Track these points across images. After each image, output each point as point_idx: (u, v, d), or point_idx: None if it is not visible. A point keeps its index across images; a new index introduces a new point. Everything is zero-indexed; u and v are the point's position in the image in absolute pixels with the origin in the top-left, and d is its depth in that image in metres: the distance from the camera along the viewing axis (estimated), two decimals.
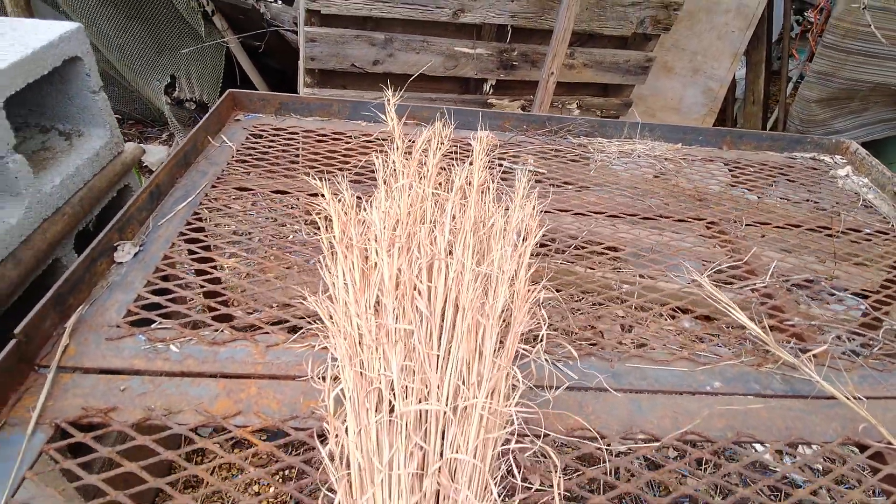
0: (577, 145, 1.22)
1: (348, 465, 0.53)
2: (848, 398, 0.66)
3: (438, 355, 0.62)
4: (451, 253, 0.75)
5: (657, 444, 0.61)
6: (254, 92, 1.20)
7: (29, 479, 0.53)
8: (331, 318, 0.67)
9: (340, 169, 1.05)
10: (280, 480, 1.23)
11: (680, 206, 1.06)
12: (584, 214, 1.00)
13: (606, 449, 0.60)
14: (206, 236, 0.86)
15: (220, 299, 0.75)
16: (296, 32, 2.03)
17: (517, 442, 0.58)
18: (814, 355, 0.72)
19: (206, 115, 1.08)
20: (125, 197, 1.25)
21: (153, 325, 0.69)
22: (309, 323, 0.71)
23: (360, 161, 1.07)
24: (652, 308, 0.83)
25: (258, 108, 1.20)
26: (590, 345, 0.72)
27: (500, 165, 1.10)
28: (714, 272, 0.87)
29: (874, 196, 1.16)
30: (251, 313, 0.74)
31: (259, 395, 0.62)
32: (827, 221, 1.05)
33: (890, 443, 0.63)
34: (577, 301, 0.83)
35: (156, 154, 2.31)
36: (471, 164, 0.98)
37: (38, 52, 1.00)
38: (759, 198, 1.14)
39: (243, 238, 0.88)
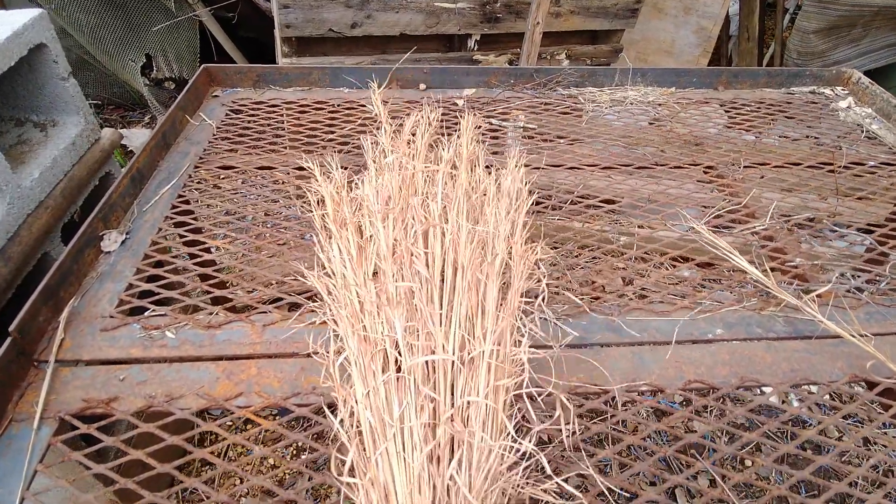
0: (567, 97, 1.18)
1: (361, 430, 0.53)
2: (853, 336, 0.65)
3: (441, 313, 0.61)
4: (445, 220, 0.74)
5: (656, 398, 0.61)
6: (229, 65, 1.16)
7: (41, 471, 0.53)
8: (329, 293, 0.66)
9: (326, 140, 1.02)
10: (288, 458, 1.25)
11: (676, 153, 1.03)
12: (578, 168, 0.97)
13: (611, 401, 0.60)
14: (193, 219, 0.84)
15: (213, 282, 0.74)
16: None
17: (527, 391, 0.57)
18: (817, 295, 0.71)
19: (182, 92, 1.04)
20: (108, 184, 1.22)
21: (147, 313, 0.68)
22: (306, 300, 0.70)
23: (344, 129, 1.04)
24: (651, 258, 0.81)
25: (235, 81, 1.16)
26: (591, 299, 0.71)
27: (490, 123, 1.06)
28: (713, 217, 0.86)
29: (879, 126, 1.12)
30: (250, 292, 0.74)
31: (259, 375, 0.61)
32: (828, 157, 1.03)
33: None
34: (575, 257, 0.82)
35: (139, 138, 2.26)
36: (458, 137, 0.95)
37: (4, 43, 0.96)
38: (756, 137, 1.11)
39: (232, 218, 0.86)
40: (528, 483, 0.50)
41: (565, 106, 1.15)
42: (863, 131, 1.11)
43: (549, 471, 0.52)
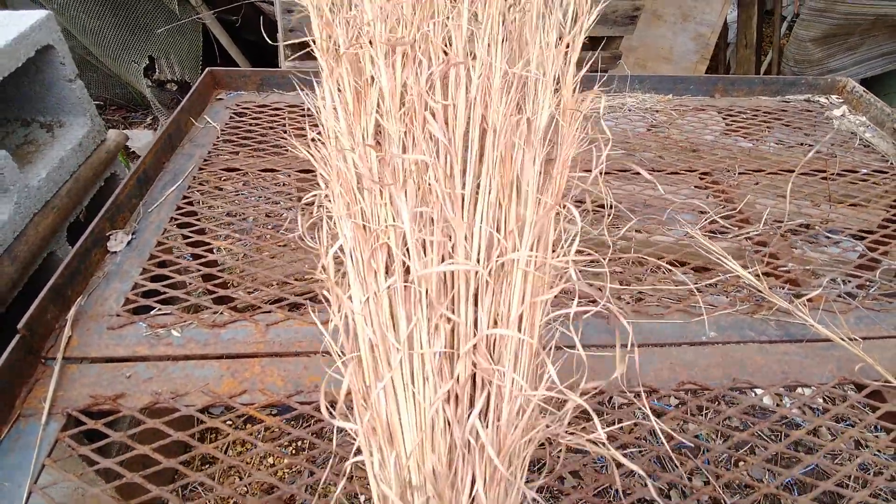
0: None
1: (356, 346, 0.42)
2: (843, 339, 0.67)
3: (463, 196, 0.47)
4: (472, 55, 0.54)
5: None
6: (233, 69, 1.17)
7: (48, 465, 0.54)
8: (321, 157, 0.51)
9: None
10: (293, 452, 1.26)
11: (673, 159, 1.05)
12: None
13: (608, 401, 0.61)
14: (198, 219, 0.85)
15: (217, 281, 0.76)
16: (272, 3, 1.96)
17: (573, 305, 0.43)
18: (808, 299, 0.73)
19: (187, 95, 1.06)
20: (113, 185, 1.24)
21: (153, 312, 0.70)
22: (308, 300, 0.71)
23: None
24: (647, 262, 0.83)
25: (239, 84, 1.18)
26: (589, 302, 0.73)
27: None
28: (708, 223, 0.87)
29: (872, 135, 1.14)
30: (251, 293, 0.75)
31: (263, 373, 0.63)
32: (822, 164, 1.04)
33: (888, 381, 0.64)
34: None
35: (142, 139, 2.28)
36: None
37: (11, 45, 0.98)
38: (752, 144, 1.13)
39: (235, 219, 0.87)
40: (568, 433, 0.39)
41: None
42: (857, 139, 1.13)
43: (595, 420, 0.40)
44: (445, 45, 0.55)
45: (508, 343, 0.40)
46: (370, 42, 0.55)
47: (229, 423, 0.59)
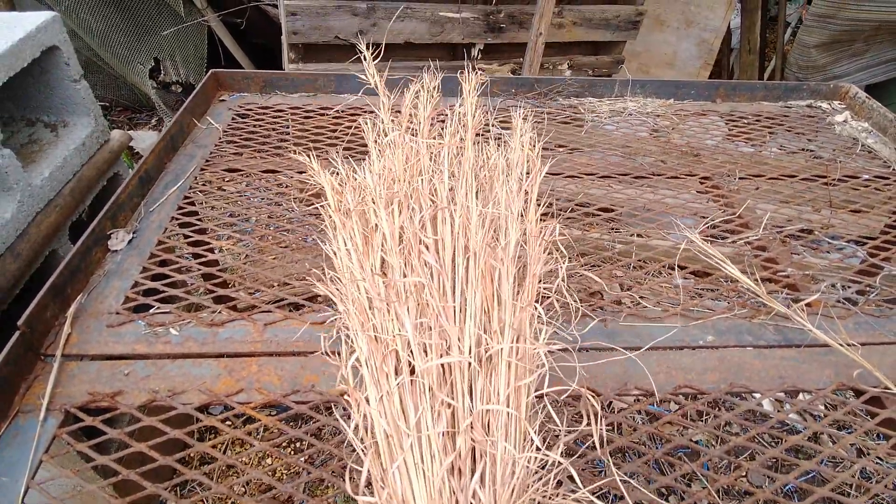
0: (567, 107, 1.20)
1: (373, 436, 0.51)
2: (841, 345, 0.66)
3: (454, 307, 0.58)
4: (453, 201, 0.70)
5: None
6: (237, 71, 1.18)
7: (46, 461, 0.55)
8: (337, 289, 0.64)
9: (329, 145, 1.04)
10: (291, 452, 1.26)
11: (674, 163, 1.05)
12: (576, 177, 0.99)
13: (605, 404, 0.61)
14: (198, 220, 0.86)
15: (216, 281, 0.76)
16: (276, 6, 1.98)
17: (550, 386, 0.54)
18: (807, 304, 0.72)
19: (191, 96, 1.06)
20: (115, 185, 1.24)
21: (152, 311, 0.70)
22: (307, 301, 0.72)
23: (348, 133, 1.06)
24: (647, 266, 0.83)
25: (243, 86, 1.19)
26: (587, 306, 0.73)
27: (489, 132, 1.08)
28: (708, 227, 0.87)
29: (874, 140, 1.14)
30: (252, 293, 0.75)
31: (260, 372, 0.63)
32: (823, 170, 1.04)
33: (888, 387, 0.64)
34: (573, 262, 0.83)
35: (146, 140, 2.29)
36: (461, 106, 0.92)
37: (18, 45, 0.99)
38: (753, 149, 1.13)
39: (237, 220, 0.88)
40: (557, 494, 0.47)
41: (565, 115, 1.17)
42: (858, 145, 1.13)
43: (578, 481, 0.49)
44: (432, 195, 0.72)
45: (499, 418, 0.50)
46: (373, 200, 0.72)
47: (227, 422, 0.59)
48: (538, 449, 0.48)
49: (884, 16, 2.20)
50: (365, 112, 1.13)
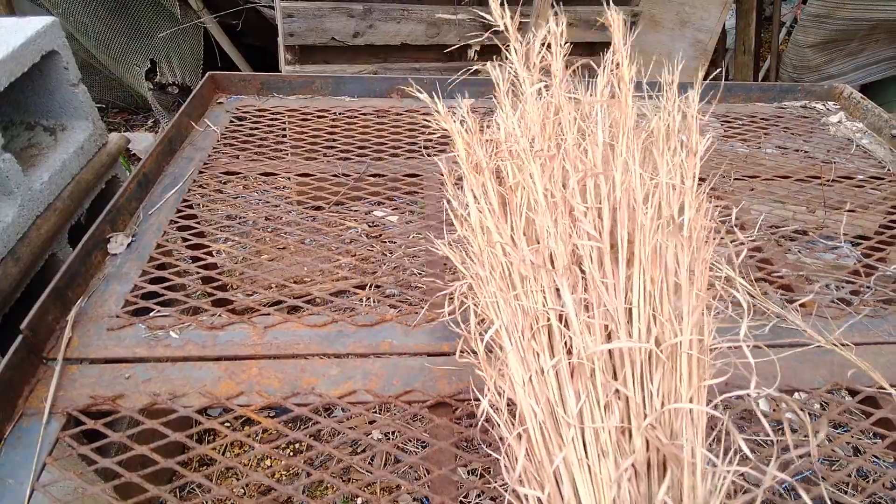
0: None
1: (520, 423, 0.44)
2: (834, 345, 0.67)
3: (619, 286, 0.49)
4: (609, 167, 0.61)
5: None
6: (234, 73, 1.19)
7: (49, 464, 0.55)
8: (466, 252, 0.56)
9: (328, 146, 1.05)
10: (291, 454, 1.27)
11: None
12: None
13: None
14: (197, 223, 0.86)
15: (216, 284, 0.77)
16: (272, 8, 1.98)
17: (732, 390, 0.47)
18: (801, 305, 0.73)
19: (188, 99, 1.07)
20: (114, 188, 1.25)
21: (152, 314, 0.70)
22: (306, 303, 0.72)
23: (347, 137, 1.07)
24: None
25: (240, 89, 1.19)
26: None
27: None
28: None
29: (869, 141, 1.15)
30: (250, 295, 0.76)
31: (260, 375, 0.63)
32: (817, 170, 1.05)
33: (882, 387, 0.64)
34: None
35: (142, 141, 2.29)
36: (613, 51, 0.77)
37: (18, 50, 0.99)
38: (747, 150, 1.13)
39: (235, 223, 0.88)
40: None
41: None
42: (853, 145, 1.14)
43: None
44: (583, 152, 0.62)
45: (682, 419, 0.42)
46: (509, 153, 0.62)
47: (227, 424, 0.59)
48: (744, 459, 0.41)
49: (881, 15, 2.20)
50: (362, 115, 1.14)
